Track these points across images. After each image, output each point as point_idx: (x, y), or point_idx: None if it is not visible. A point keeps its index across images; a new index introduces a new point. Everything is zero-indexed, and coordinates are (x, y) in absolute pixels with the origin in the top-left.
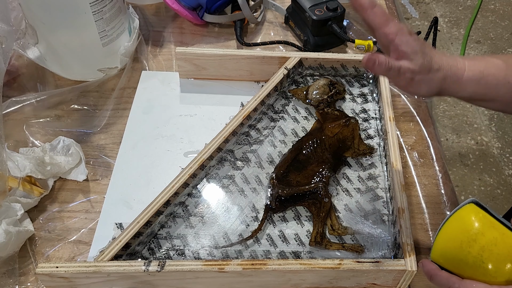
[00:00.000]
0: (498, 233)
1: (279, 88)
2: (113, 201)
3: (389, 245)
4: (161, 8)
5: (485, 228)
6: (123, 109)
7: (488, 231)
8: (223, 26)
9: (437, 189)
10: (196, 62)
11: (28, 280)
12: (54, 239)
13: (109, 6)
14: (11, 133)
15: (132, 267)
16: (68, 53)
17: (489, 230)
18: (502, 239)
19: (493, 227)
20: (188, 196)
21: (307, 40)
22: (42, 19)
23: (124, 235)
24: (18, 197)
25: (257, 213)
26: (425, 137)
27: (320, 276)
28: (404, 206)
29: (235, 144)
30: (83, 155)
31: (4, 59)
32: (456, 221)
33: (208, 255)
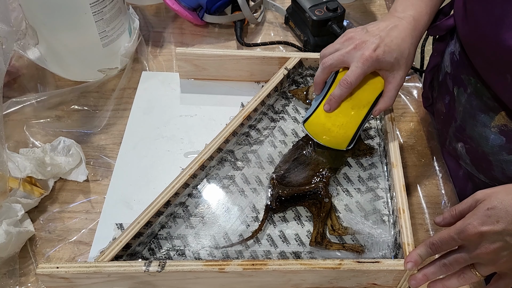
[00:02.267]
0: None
1: (279, 89)
2: (114, 202)
3: (390, 245)
4: (161, 9)
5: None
6: (123, 109)
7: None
8: (223, 27)
9: (437, 189)
10: (196, 63)
11: (29, 281)
12: (55, 239)
13: (109, 7)
14: (12, 133)
15: (133, 267)
16: (69, 53)
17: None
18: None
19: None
20: (188, 196)
21: (307, 41)
22: (43, 20)
23: (124, 235)
24: (19, 197)
25: (258, 213)
26: (425, 137)
27: (320, 276)
28: (404, 206)
29: (236, 145)
30: (83, 155)
31: (5, 60)
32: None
33: (208, 256)
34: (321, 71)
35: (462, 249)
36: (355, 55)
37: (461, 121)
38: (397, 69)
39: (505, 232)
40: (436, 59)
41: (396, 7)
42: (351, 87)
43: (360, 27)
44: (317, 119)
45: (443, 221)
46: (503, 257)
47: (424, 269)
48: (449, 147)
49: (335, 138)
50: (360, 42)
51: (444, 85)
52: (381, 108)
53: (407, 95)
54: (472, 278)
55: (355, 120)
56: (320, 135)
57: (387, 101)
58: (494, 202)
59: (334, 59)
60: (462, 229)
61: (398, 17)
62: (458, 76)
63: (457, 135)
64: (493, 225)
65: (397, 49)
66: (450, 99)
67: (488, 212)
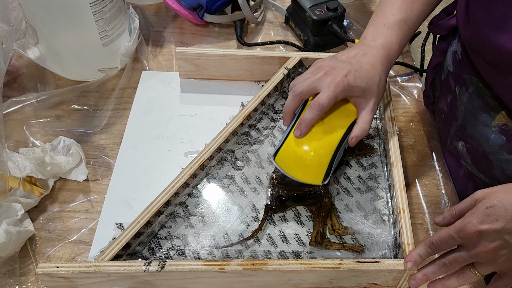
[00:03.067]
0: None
1: (279, 88)
2: (114, 201)
3: (390, 245)
4: (161, 8)
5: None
6: (123, 109)
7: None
8: (223, 26)
9: (437, 189)
10: (196, 62)
11: (29, 280)
12: (55, 239)
13: (109, 6)
14: (12, 133)
15: (133, 267)
16: (69, 53)
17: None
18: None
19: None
20: (188, 196)
21: (307, 40)
22: (43, 19)
23: (124, 235)
24: (19, 197)
25: (258, 213)
26: (425, 137)
27: (320, 276)
28: (404, 206)
29: (236, 144)
30: (83, 155)
31: (5, 59)
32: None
33: (208, 255)
34: (291, 100)
35: (461, 248)
36: (326, 80)
37: (462, 120)
38: (369, 95)
39: (504, 230)
40: (438, 58)
41: (366, 36)
42: (323, 110)
43: (329, 56)
44: (288, 149)
45: (443, 221)
46: (502, 256)
47: (423, 269)
48: (450, 146)
49: (308, 167)
50: (330, 69)
51: (446, 84)
52: (357, 135)
53: (407, 95)
54: (472, 278)
55: (329, 146)
56: (292, 167)
57: (362, 127)
58: (493, 201)
59: (304, 85)
60: (461, 228)
61: (367, 45)
62: (460, 76)
63: (458, 134)
64: (492, 224)
65: (367, 76)
66: (452, 98)
67: (487, 210)
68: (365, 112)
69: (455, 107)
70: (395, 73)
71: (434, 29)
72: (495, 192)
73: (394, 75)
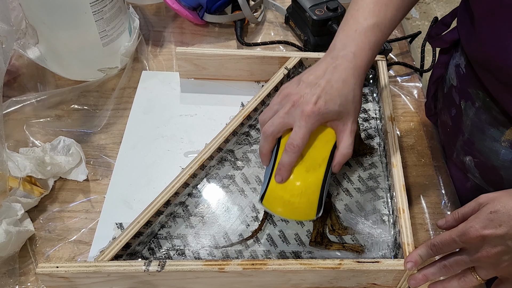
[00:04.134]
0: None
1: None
2: (114, 201)
3: (389, 245)
4: (162, 8)
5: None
6: (123, 109)
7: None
8: (224, 26)
9: (437, 189)
10: (197, 62)
11: (29, 280)
12: (55, 239)
13: (109, 6)
14: (11, 133)
15: (133, 267)
16: (69, 53)
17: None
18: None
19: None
20: (188, 196)
21: (308, 40)
22: (43, 19)
23: (124, 235)
24: (19, 197)
25: (257, 213)
26: (425, 137)
27: (320, 276)
28: (404, 206)
29: (236, 144)
30: (83, 155)
31: (5, 59)
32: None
33: (208, 255)
34: (264, 141)
35: (463, 251)
36: (296, 113)
37: (469, 134)
38: (345, 116)
39: (507, 236)
40: (440, 70)
41: (335, 44)
42: (299, 150)
43: (296, 79)
44: (273, 193)
45: (446, 224)
46: (504, 261)
47: (424, 270)
48: (456, 160)
49: (298, 209)
50: (298, 98)
51: (450, 97)
52: (340, 161)
53: (407, 95)
54: (473, 282)
55: (314, 183)
56: (281, 210)
57: (344, 152)
58: (497, 206)
59: (274, 125)
60: (464, 231)
61: (337, 56)
62: (465, 90)
63: (465, 148)
64: (495, 229)
65: (340, 95)
66: (457, 112)
67: (490, 215)
68: (344, 135)
69: (461, 122)
70: (395, 73)
71: (435, 42)
72: (499, 197)
73: (394, 75)
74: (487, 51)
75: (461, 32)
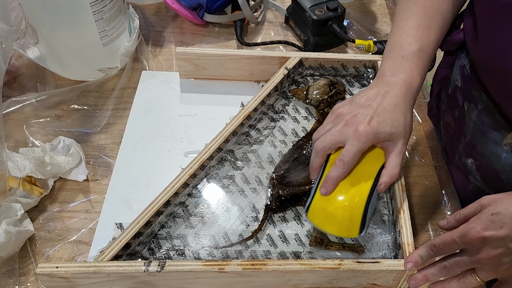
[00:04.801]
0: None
1: (279, 88)
2: (113, 201)
3: (389, 245)
4: (161, 8)
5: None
6: (123, 109)
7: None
8: (223, 26)
9: (437, 189)
10: (196, 62)
11: (28, 280)
12: (54, 239)
13: (109, 6)
14: (11, 133)
15: (132, 267)
16: (68, 53)
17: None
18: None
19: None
20: (188, 196)
21: (307, 40)
22: (42, 19)
23: (124, 235)
24: (18, 197)
25: (257, 213)
26: (425, 137)
27: (320, 277)
28: (404, 206)
29: (235, 144)
30: (83, 155)
31: (4, 59)
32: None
33: (208, 255)
34: (315, 156)
35: (463, 252)
36: (348, 132)
37: (471, 137)
38: (396, 138)
39: (508, 238)
40: (445, 71)
41: (384, 71)
42: (348, 167)
43: (348, 100)
44: (317, 205)
45: (447, 224)
46: (505, 263)
47: (424, 270)
48: (458, 162)
49: (341, 223)
50: (351, 117)
51: (454, 98)
52: (387, 181)
53: None
54: (472, 283)
55: (359, 198)
56: (325, 223)
57: (391, 172)
58: (499, 207)
59: (326, 141)
60: (464, 232)
61: (387, 82)
62: (469, 91)
63: (466, 151)
64: (497, 231)
65: (392, 117)
66: (460, 114)
67: (492, 217)
68: (393, 155)
69: (464, 124)
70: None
71: (442, 44)
72: (501, 199)
73: None
74: (490, 54)
75: (466, 34)
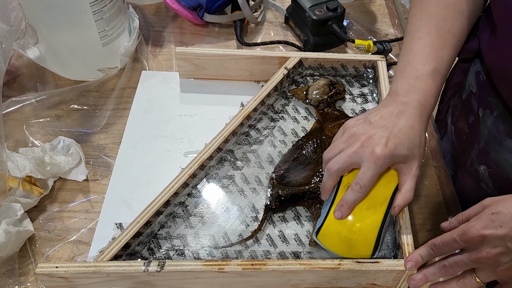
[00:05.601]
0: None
1: (279, 88)
2: (113, 201)
3: (389, 245)
4: (161, 8)
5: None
6: (123, 109)
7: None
8: (223, 26)
9: (437, 189)
10: (196, 62)
11: (28, 280)
12: (54, 239)
13: (109, 6)
14: (11, 133)
15: (132, 267)
16: (68, 53)
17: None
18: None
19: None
20: (188, 196)
21: (307, 40)
22: (42, 19)
23: (124, 235)
24: (18, 197)
25: (257, 213)
26: None
27: (320, 276)
28: None
29: (235, 144)
30: (83, 155)
31: (4, 59)
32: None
33: (208, 255)
34: (328, 178)
35: (463, 252)
36: (364, 154)
37: (485, 144)
38: (411, 159)
39: (507, 237)
40: (459, 77)
41: (397, 90)
42: (366, 191)
43: (361, 118)
44: (330, 228)
45: (449, 225)
46: (504, 263)
47: (424, 269)
48: (470, 169)
49: (355, 246)
50: (367, 138)
51: (468, 104)
52: (401, 204)
53: None
54: (472, 284)
55: (374, 222)
56: (338, 246)
57: (405, 195)
58: (500, 207)
59: (341, 163)
60: (464, 231)
61: (401, 102)
62: (485, 98)
63: (480, 158)
64: (496, 229)
65: (408, 140)
66: (474, 120)
67: (492, 216)
68: (408, 178)
69: (478, 130)
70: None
71: (461, 53)
72: (503, 200)
73: None
74: (504, 61)
75: (481, 41)
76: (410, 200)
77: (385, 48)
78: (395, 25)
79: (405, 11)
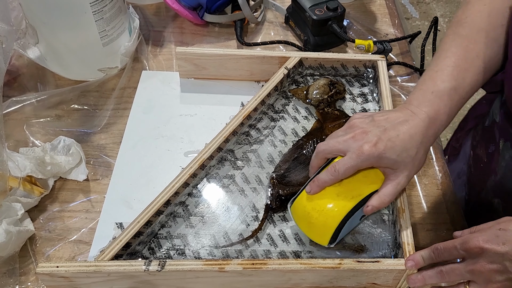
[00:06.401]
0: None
1: (279, 88)
2: (114, 201)
3: (389, 244)
4: (162, 8)
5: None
6: (123, 109)
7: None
8: (223, 26)
9: (437, 189)
10: (196, 62)
11: (29, 280)
12: (55, 238)
13: (109, 6)
14: (12, 133)
15: (133, 266)
16: (69, 53)
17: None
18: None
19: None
20: (188, 195)
21: (307, 40)
22: (43, 19)
23: (124, 234)
24: (19, 196)
25: (258, 212)
26: None
27: (320, 276)
28: (404, 206)
29: (236, 144)
30: (83, 154)
31: (5, 59)
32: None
33: (208, 255)
34: (315, 156)
35: (461, 261)
36: (352, 145)
37: (502, 177)
38: (400, 168)
39: (506, 256)
40: (484, 107)
41: (411, 100)
42: (337, 176)
43: (368, 115)
44: (301, 201)
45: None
46: (497, 282)
47: (423, 271)
48: (484, 200)
49: (313, 225)
50: (361, 132)
51: (490, 132)
52: (375, 205)
53: (407, 95)
54: None
55: (338, 210)
56: (301, 220)
57: (382, 197)
58: (509, 225)
59: (328, 145)
60: (466, 240)
61: (411, 112)
62: (507, 129)
63: (495, 190)
64: (497, 245)
65: (402, 146)
66: (495, 150)
67: (498, 232)
68: (390, 184)
69: (496, 161)
70: (395, 73)
71: (486, 85)
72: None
73: (394, 75)
74: None
75: (507, 77)
76: (386, 204)
77: (385, 48)
78: (395, 25)
79: (405, 11)
